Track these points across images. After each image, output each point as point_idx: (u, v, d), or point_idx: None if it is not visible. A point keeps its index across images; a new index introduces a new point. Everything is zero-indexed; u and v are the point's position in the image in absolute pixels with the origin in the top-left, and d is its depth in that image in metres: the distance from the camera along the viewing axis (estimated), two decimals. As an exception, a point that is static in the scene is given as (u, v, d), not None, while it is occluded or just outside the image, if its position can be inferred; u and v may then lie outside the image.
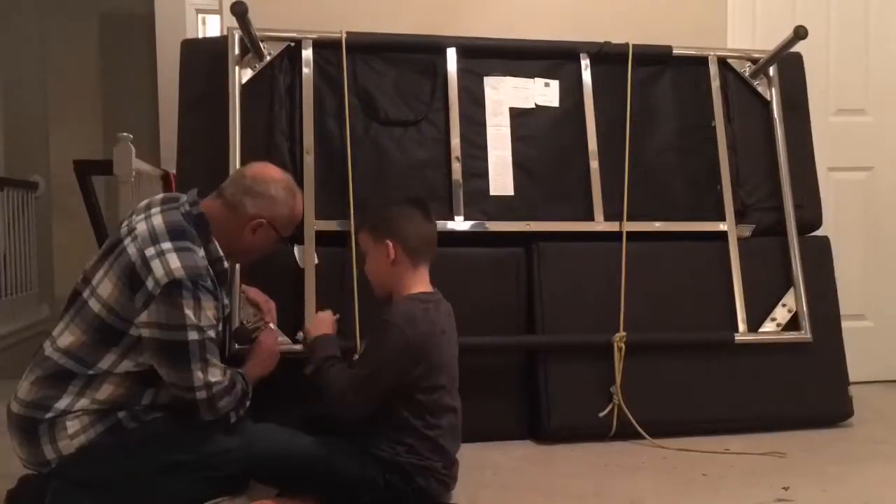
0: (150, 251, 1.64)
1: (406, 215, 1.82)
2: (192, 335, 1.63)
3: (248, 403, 1.77)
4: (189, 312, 1.62)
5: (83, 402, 1.65)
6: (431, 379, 1.72)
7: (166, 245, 1.66)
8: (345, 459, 1.71)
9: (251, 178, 1.84)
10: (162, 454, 1.67)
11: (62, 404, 1.64)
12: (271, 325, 2.08)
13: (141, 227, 1.70)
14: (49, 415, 1.63)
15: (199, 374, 1.64)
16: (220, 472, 1.71)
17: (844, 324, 2.61)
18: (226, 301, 1.89)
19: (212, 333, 1.68)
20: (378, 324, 1.75)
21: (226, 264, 1.80)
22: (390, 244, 1.78)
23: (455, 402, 1.79)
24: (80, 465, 1.64)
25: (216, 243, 1.77)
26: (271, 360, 1.93)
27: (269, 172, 1.88)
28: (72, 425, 1.64)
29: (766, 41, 2.80)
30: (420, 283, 1.81)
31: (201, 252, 1.72)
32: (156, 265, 1.63)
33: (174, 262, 1.63)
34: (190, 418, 1.68)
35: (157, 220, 1.71)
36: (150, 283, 1.61)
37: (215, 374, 1.67)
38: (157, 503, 1.68)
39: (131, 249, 1.66)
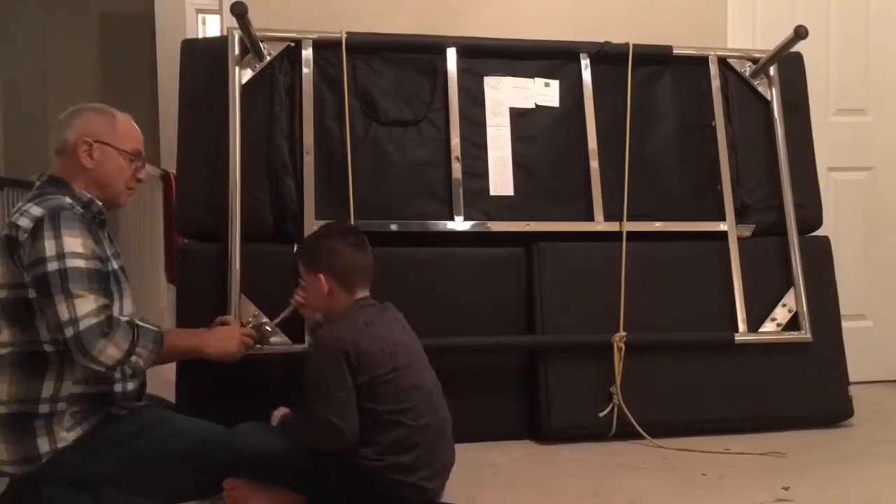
0: (14, 216, 1.66)
1: (334, 249, 1.83)
2: (52, 265, 1.57)
3: (141, 362, 1.66)
4: (48, 244, 1.58)
5: (67, 386, 1.64)
6: (390, 368, 1.71)
7: (27, 204, 1.67)
8: (323, 459, 1.71)
9: (60, 119, 1.85)
10: (156, 444, 1.68)
11: (47, 392, 1.63)
12: (268, 328, 2.08)
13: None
14: (42, 407, 1.63)
15: (63, 307, 1.56)
16: (209, 462, 1.70)
17: (844, 324, 2.61)
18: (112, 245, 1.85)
19: (78, 263, 1.59)
20: (313, 345, 1.82)
21: (99, 204, 1.78)
22: (322, 278, 1.81)
23: (422, 383, 1.77)
24: (75, 458, 1.63)
25: (82, 191, 1.77)
26: (224, 345, 1.89)
27: (77, 106, 1.87)
28: (66, 418, 1.64)
29: (766, 41, 2.80)
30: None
31: (67, 200, 1.71)
32: (21, 220, 1.62)
33: (35, 209, 1.63)
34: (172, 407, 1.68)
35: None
36: (21, 237, 1.61)
37: (83, 307, 1.57)
38: (150, 496, 1.68)
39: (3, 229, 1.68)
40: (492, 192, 2.46)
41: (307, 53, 2.40)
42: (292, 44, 2.41)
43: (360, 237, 1.89)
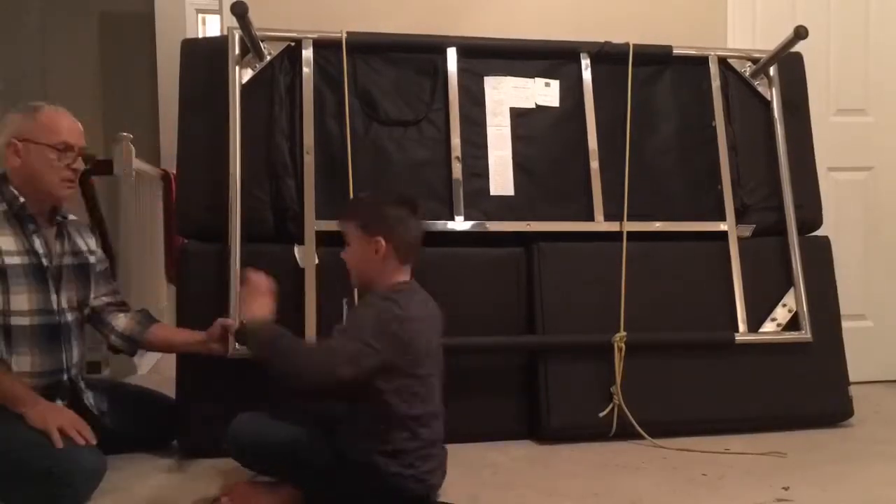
0: None
1: (401, 217, 1.81)
2: None
3: None
4: None
5: None
6: (413, 361, 1.70)
7: None
8: (320, 450, 1.71)
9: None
10: None
11: None
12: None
13: None
14: None
15: None
16: None
17: (844, 324, 2.61)
18: (36, 242, 1.93)
19: None
20: (363, 300, 1.76)
21: (21, 199, 1.90)
22: (382, 241, 1.76)
23: (435, 385, 1.78)
24: None
25: (11, 188, 1.91)
26: (45, 417, 1.82)
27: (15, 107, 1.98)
28: None
29: (766, 41, 2.80)
30: (401, 278, 1.81)
31: None
32: None
33: None
34: None
35: None
36: None
37: None
38: None
39: None
40: (492, 192, 2.46)
41: (307, 53, 2.40)
42: (292, 43, 2.41)
43: (419, 209, 1.86)
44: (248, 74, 2.36)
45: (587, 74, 2.58)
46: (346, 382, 1.64)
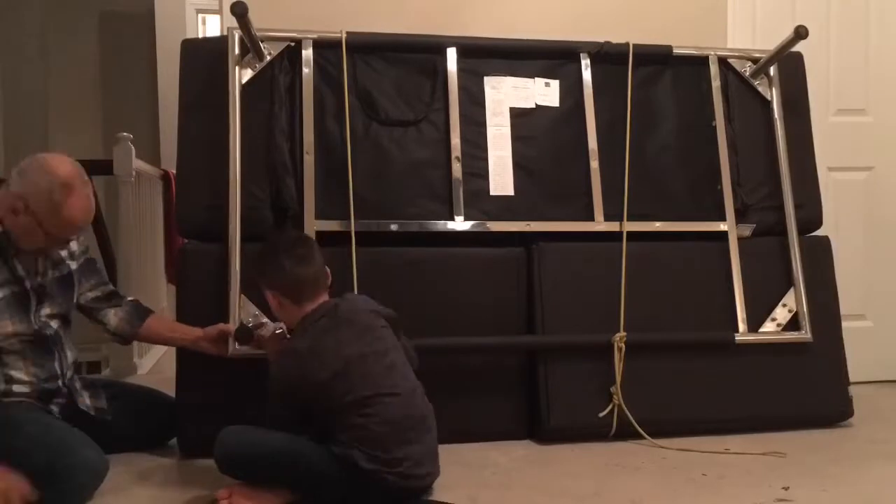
0: None
1: (278, 265, 1.87)
2: None
3: None
4: None
5: None
6: (345, 389, 1.74)
7: None
8: (311, 457, 1.72)
9: (32, 160, 1.87)
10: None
11: None
12: (271, 325, 2.08)
13: None
14: None
15: None
16: None
17: (844, 324, 2.61)
18: (18, 267, 1.91)
19: None
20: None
21: (4, 236, 1.86)
22: (270, 295, 1.89)
23: (392, 388, 1.78)
24: None
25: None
26: None
27: (52, 163, 1.86)
28: None
29: (766, 41, 2.80)
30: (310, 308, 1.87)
31: None
32: None
33: None
34: None
35: None
36: None
37: None
38: None
39: None
40: (492, 192, 2.46)
41: (307, 53, 2.40)
42: (292, 43, 2.41)
43: (307, 247, 1.91)
44: (248, 74, 2.36)
45: (587, 74, 2.58)
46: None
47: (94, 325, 2.17)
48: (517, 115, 2.52)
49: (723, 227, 2.54)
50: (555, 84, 2.57)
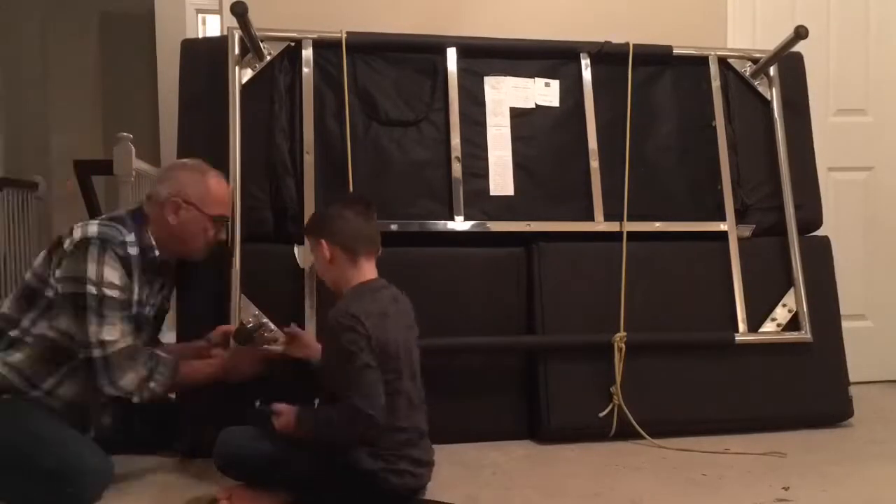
0: (76, 225, 1.84)
1: (339, 215, 1.84)
2: (91, 289, 1.76)
3: (157, 389, 1.85)
4: (91, 266, 1.76)
5: None
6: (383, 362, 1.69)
7: (92, 221, 1.86)
8: (306, 458, 1.71)
9: (162, 169, 2.00)
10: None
11: None
12: (271, 326, 2.08)
13: None
14: None
15: (94, 328, 1.75)
16: None
17: (844, 324, 2.61)
18: (157, 293, 2.00)
19: (114, 293, 1.79)
20: (327, 328, 1.77)
21: (157, 252, 1.93)
22: (324, 244, 1.82)
23: (411, 391, 1.76)
24: None
25: (150, 235, 1.93)
26: (231, 373, 1.98)
27: (175, 161, 2.06)
28: None
29: (766, 41, 2.80)
30: (362, 275, 1.83)
31: (131, 236, 1.87)
32: (76, 231, 1.82)
33: (92, 229, 1.82)
34: None
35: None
36: (66, 244, 1.80)
37: (111, 333, 1.77)
38: None
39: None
40: (492, 193, 2.46)
41: (307, 53, 2.40)
42: (292, 43, 2.41)
43: (366, 205, 1.88)
44: (248, 74, 2.36)
45: (587, 74, 2.58)
46: (378, 409, 1.65)
47: None
48: (517, 115, 2.52)
49: (723, 227, 2.54)
50: (555, 84, 2.57)
